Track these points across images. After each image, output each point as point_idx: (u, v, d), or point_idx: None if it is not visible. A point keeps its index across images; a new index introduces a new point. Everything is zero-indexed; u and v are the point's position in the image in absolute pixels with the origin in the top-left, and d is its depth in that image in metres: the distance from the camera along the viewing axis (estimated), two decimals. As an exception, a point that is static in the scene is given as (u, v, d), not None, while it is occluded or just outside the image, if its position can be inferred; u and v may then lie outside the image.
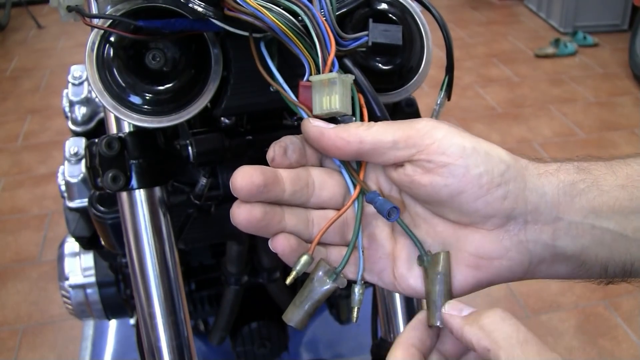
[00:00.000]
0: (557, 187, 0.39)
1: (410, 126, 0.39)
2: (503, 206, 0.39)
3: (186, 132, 0.60)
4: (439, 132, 0.39)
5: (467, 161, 0.38)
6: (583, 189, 0.39)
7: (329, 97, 0.40)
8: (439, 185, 0.38)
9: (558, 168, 0.40)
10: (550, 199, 0.39)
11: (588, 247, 0.39)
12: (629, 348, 1.70)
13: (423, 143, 0.38)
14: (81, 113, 1.12)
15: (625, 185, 0.39)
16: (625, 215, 0.38)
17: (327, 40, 0.42)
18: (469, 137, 0.39)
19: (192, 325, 1.15)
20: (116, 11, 0.47)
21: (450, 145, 0.38)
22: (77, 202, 0.99)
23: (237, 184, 0.39)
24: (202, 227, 0.70)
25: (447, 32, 0.51)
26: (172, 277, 0.57)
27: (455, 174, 0.38)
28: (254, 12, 0.41)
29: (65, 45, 3.86)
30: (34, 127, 2.92)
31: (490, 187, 0.38)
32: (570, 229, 0.39)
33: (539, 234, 0.39)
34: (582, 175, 0.39)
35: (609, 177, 0.39)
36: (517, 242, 0.40)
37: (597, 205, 0.39)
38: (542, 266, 0.40)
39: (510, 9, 4.25)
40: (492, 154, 0.38)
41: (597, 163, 0.41)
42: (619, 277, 0.41)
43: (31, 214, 2.32)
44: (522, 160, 0.40)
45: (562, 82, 3.20)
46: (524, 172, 0.39)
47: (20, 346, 1.78)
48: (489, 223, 0.40)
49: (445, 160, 0.38)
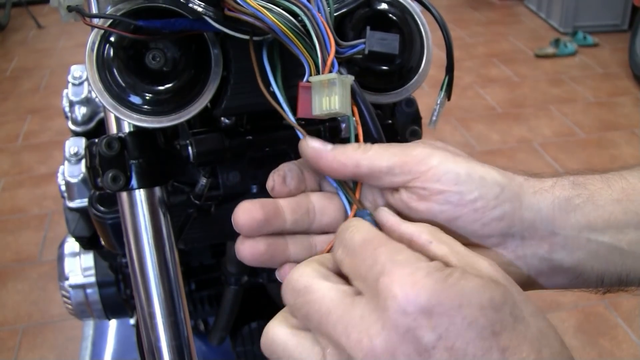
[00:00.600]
0: (552, 203, 0.40)
1: (407, 152, 0.40)
2: (499, 226, 0.39)
3: (186, 132, 0.60)
4: (435, 159, 0.39)
5: (462, 187, 0.39)
6: (578, 204, 0.40)
7: (328, 98, 0.40)
8: (435, 212, 0.40)
9: (553, 184, 0.41)
10: (546, 214, 0.40)
11: (584, 260, 0.40)
12: (629, 348, 1.70)
13: (419, 170, 0.39)
14: (81, 113, 1.11)
15: (620, 199, 0.40)
16: (620, 229, 0.40)
17: (326, 41, 0.42)
18: (463, 162, 0.40)
19: (192, 325, 1.15)
20: (116, 11, 0.47)
21: (446, 173, 0.39)
22: (77, 202, 0.99)
23: (239, 220, 0.41)
24: (202, 227, 0.70)
25: (447, 32, 0.51)
26: (172, 277, 0.57)
27: (450, 201, 0.39)
28: (254, 13, 0.41)
29: (65, 45, 3.86)
30: (34, 127, 2.92)
31: (486, 210, 0.39)
32: (567, 243, 0.40)
33: (536, 248, 0.40)
34: (577, 191, 0.40)
35: (604, 192, 0.40)
36: (515, 257, 0.41)
37: (592, 219, 0.40)
38: (540, 278, 0.41)
39: (510, 9, 4.25)
40: (486, 178, 0.39)
41: (593, 177, 0.42)
42: (615, 286, 0.42)
43: (31, 214, 2.32)
44: (517, 179, 0.41)
45: (562, 82, 3.20)
46: (519, 191, 0.40)
47: (20, 346, 1.78)
48: (487, 242, 0.40)
49: (440, 187, 0.39)
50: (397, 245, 0.34)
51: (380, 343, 0.31)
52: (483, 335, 0.30)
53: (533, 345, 0.31)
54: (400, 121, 0.70)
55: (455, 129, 2.78)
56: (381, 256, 0.33)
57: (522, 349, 0.30)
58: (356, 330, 0.32)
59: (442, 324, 0.30)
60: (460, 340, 0.30)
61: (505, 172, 0.41)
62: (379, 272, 0.32)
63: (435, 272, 0.31)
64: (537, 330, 0.32)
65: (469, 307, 0.30)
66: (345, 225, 0.38)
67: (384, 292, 0.31)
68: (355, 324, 0.32)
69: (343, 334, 0.32)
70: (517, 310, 0.31)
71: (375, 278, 0.32)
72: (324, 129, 0.59)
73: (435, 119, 0.52)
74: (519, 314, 0.31)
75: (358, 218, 0.40)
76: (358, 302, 0.33)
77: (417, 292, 0.30)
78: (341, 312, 0.33)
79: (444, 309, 0.30)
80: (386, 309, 0.31)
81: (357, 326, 0.32)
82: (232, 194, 0.62)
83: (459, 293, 0.30)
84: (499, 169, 0.41)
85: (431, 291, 0.30)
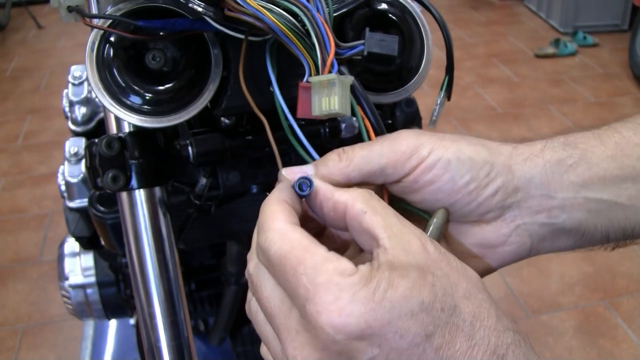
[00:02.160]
0: (543, 168, 0.39)
1: (395, 149, 0.39)
2: (495, 200, 0.40)
3: (186, 132, 0.60)
4: (424, 149, 0.39)
5: (453, 174, 0.39)
6: (571, 165, 0.39)
7: (328, 99, 0.40)
8: (431, 201, 0.40)
9: (543, 148, 0.40)
10: (539, 180, 0.39)
11: (586, 220, 0.40)
12: (629, 348, 1.70)
13: (410, 166, 0.39)
14: (81, 113, 1.11)
15: (614, 155, 0.39)
16: (618, 185, 0.39)
17: (326, 42, 0.42)
18: (452, 145, 0.39)
19: (192, 325, 1.15)
20: (116, 11, 0.47)
21: (436, 162, 0.39)
22: (77, 202, 0.99)
23: None
24: (202, 227, 0.70)
25: (447, 32, 0.51)
26: (172, 277, 0.57)
27: (443, 190, 0.39)
28: (254, 13, 0.41)
29: (65, 45, 3.86)
30: (34, 127, 2.92)
31: (479, 190, 0.39)
32: (565, 205, 0.40)
33: (534, 215, 0.40)
34: (569, 151, 0.40)
35: (597, 149, 0.40)
36: (515, 227, 0.41)
37: (587, 178, 0.39)
38: (544, 243, 0.41)
39: (510, 9, 4.25)
40: (475, 159, 0.39)
41: (584, 135, 0.41)
42: (621, 241, 0.41)
43: (31, 214, 2.32)
44: (505, 150, 0.40)
45: (562, 82, 3.20)
46: (509, 163, 0.40)
47: (20, 346, 1.78)
48: (485, 217, 0.41)
49: (431, 178, 0.39)
50: (315, 260, 0.32)
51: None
52: (415, 342, 0.30)
53: (466, 333, 0.31)
54: (400, 121, 0.70)
55: (455, 129, 2.78)
56: (302, 278, 0.32)
57: (455, 341, 0.31)
58: (292, 346, 0.33)
59: (374, 343, 0.30)
60: (394, 352, 0.30)
61: (493, 144, 0.41)
62: (304, 298, 0.31)
63: (360, 290, 0.31)
64: (470, 315, 0.32)
65: (399, 320, 0.30)
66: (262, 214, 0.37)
67: (311, 320, 0.31)
68: (291, 338, 0.33)
69: (283, 343, 0.33)
70: (448, 300, 0.32)
71: (302, 303, 0.32)
72: (324, 130, 0.59)
73: (435, 119, 0.52)
74: (450, 303, 0.32)
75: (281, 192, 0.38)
76: (295, 312, 0.33)
77: (344, 321, 0.30)
78: (281, 319, 0.34)
79: (374, 330, 0.30)
80: (317, 335, 0.31)
81: (292, 341, 0.33)
82: (232, 194, 0.61)
83: (387, 309, 0.30)
84: (487, 143, 0.41)
85: (358, 317, 0.30)
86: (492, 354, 0.31)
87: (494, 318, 0.33)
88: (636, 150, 0.39)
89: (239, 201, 0.65)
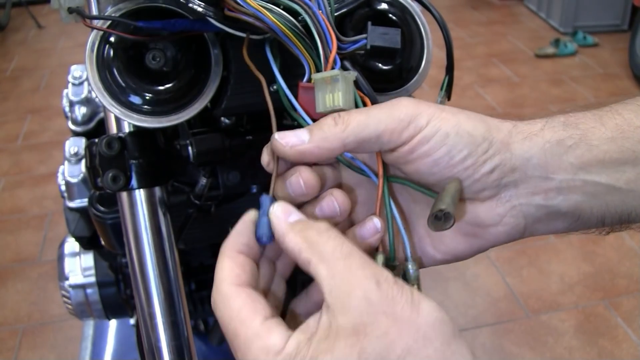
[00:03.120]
0: (542, 148, 0.39)
1: (393, 115, 0.38)
2: (491, 179, 0.39)
3: (186, 132, 0.60)
4: (422, 118, 0.38)
5: (450, 147, 0.38)
6: (571, 146, 0.38)
7: (331, 95, 0.40)
8: (425, 174, 0.39)
9: (543, 127, 0.39)
10: (537, 161, 0.39)
11: (582, 202, 0.39)
12: (629, 348, 1.70)
13: (408, 135, 0.38)
14: (81, 113, 1.11)
15: (614, 137, 0.38)
16: (616, 168, 0.38)
17: (328, 38, 0.42)
18: (451, 117, 0.38)
19: (192, 325, 1.15)
20: (116, 11, 0.47)
21: (434, 134, 0.38)
22: (77, 202, 0.99)
23: None
24: (202, 227, 0.70)
25: (447, 32, 0.51)
26: (172, 277, 0.57)
27: (439, 163, 0.38)
28: (254, 13, 0.41)
29: (65, 45, 3.86)
30: (34, 127, 2.92)
31: (476, 166, 0.38)
32: (562, 187, 0.39)
33: (531, 196, 0.39)
34: (569, 132, 0.39)
35: (597, 131, 0.39)
36: (511, 207, 0.40)
37: (586, 160, 0.38)
38: (538, 225, 0.41)
39: (510, 9, 4.25)
40: (474, 134, 0.38)
41: (585, 115, 0.40)
42: (616, 226, 0.41)
43: (31, 214, 2.32)
44: (505, 127, 0.40)
45: (562, 82, 3.20)
46: (508, 141, 0.39)
47: (20, 346, 1.78)
48: (481, 195, 0.40)
49: (427, 150, 0.38)
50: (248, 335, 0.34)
51: None
52: None
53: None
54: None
55: (455, 129, 2.78)
56: (237, 351, 0.35)
57: None
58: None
59: None
60: None
61: (493, 121, 0.40)
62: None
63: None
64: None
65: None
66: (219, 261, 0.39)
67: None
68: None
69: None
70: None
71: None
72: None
73: (435, 119, 0.52)
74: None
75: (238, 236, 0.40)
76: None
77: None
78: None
79: None
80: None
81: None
82: (232, 194, 0.62)
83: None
84: (487, 119, 0.40)
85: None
86: None
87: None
88: (637, 133, 0.38)
89: (239, 201, 0.65)
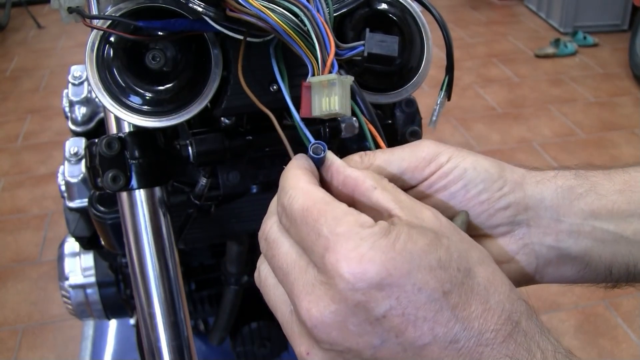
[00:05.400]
0: (555, 192, 0.41)
1: (416, 154, 0.40)
2: (506, 214, 0.40)
3: (186, 132, 0.60)
4: (443, 156, 0.40)
5: (467, 182, 0.40)
6: (581, 193, 0.41)
7: (328, 99, 0.40)
8: (443, 208, 0.40)
9: (555, 175, 0.42)
10: (550, 202, 0.40)
11: (591, 248, 0.41)
12: (629, 348, 1.70)
13: (429, 171, 0.40)
14: (81, 113, 1.11)
15: (622, 190, 0.41)
16: (624, 218, 0.40)
17: (326, 42, 0.41)
18: (469, 156, 0.41)
19: (192, 325, 1.15)
20: (116, 11, 0.47)
21: (453, 169, 0.40)
22: (77, 202, 0.99)
23: None
24: (202, 227, 0.70)
25: (447, 32, 0.51)
26: (172, 277, 0.57)
27: (456, 196, 0.40)
28: (257, 13, 0.41)
29: (65, 45, 3.86)
30: (34, 127, 2.92)
31: (491, 202, 0.40)
32: (572, 231, 0.40)
33: (542, 236, 0.41)
34: (579, 181, 0.41)
35: (606, 183, 0.41)
36: (523, 245, 0.41)
37: (595, 208, 0.40)
38: (549, 268, 0.42)
39: (510, 9, 4.25)
40: (491, 172, 0.40)
41: (594, 171, 0.42)
42: (623, 279, 0.42)
43: (31, 214, 2.32)
44: (519, 171, 0.42)
45: (562, 82, 3.20)
46: (521, 182, 0.41)
47: (20, 346, 1.78)
48: (495, 232, 0.41)
49: (445, 184, 0.40)
50: (337, 213, 0.33)
51: (329, 315, 0.31)
52: (433, 297, 0.30)
53: (481, 296, 0.32)
54: (400, 121, 0.70)
55: (455, 129, 2.78)
56: (323, 228, 0.32)
57: (470, 303, 0.31)
58: (307, 299, 0.32)
59: (393, 294, 0.30)
60: (411, 306, 0.30)
61: (507, 164, 0.42)
62: (324, 248, 0.32)
63: (380, 239, 0.31)
64: (484, 280, 0.32)
65: (419, 272, 0.30)
66: (284, 177, 0.37)
67: (331, 270, 0.31)
68: (307, 292, 0.32)
69: (297, 298, 0.33)
70: (464, 263, 0.32)
71: (321, 254, 0.32)
72: (324, 130, 0.59)
73: (435, 119, 0.52)
74: (465, 265, 0.32)
75: (300, 159, 0.39)
76: (312, 268, 0.33)
77: (364, 268, 0.30)
78: (297, 274, 0.33)
79: (394, 279, 0.30)
80: (335, 285, 0.31)
81: (308, 295, 0.32)
82: (232, 194, 0.62)
83: (407, 259, 0.30)
84: (502, 162, 0.42)
85: (379, 264, 0.30)
86: (507, 319, 0.31)
87: (507, 286, 0.33)
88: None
89: (239, 201, 0.65)
